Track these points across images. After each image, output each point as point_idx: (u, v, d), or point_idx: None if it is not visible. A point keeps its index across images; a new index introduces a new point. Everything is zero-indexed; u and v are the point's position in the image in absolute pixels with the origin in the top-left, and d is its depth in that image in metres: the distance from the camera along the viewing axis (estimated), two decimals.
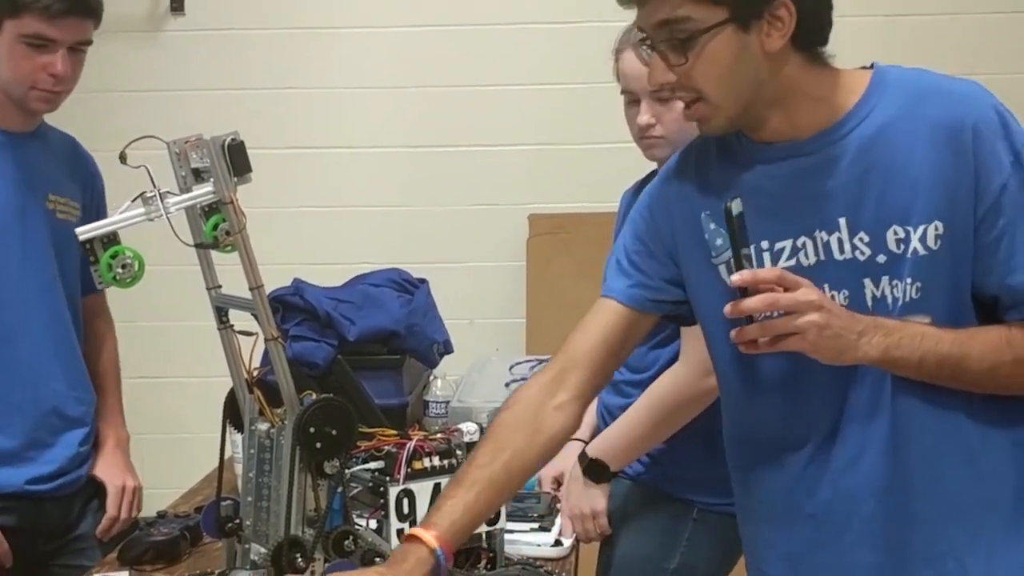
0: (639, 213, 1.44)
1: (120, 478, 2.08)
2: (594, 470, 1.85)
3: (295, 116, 3.65)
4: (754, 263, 1.25)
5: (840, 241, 1.27)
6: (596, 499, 1.86)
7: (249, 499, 1.57)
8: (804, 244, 1.29)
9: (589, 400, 1.49)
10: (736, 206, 1.23)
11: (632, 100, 1.82)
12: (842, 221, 1.27)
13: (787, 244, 1.29)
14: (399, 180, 3.65)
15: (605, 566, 1.92)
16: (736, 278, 1.21)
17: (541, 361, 2.49)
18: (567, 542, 1.87)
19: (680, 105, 1.32)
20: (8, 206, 1.92)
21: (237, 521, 1.58)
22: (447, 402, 2.27)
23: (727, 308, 1.22)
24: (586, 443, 1.94)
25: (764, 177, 1.31)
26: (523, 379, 2.33)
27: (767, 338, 1.22)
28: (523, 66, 3.59)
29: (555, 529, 1.89)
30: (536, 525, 1.91)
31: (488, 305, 3.64)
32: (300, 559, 1.45)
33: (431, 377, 2.42)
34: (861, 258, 1.26)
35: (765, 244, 1.29)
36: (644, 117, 1.80)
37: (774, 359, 1.30)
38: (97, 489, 2.07)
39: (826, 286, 1.28)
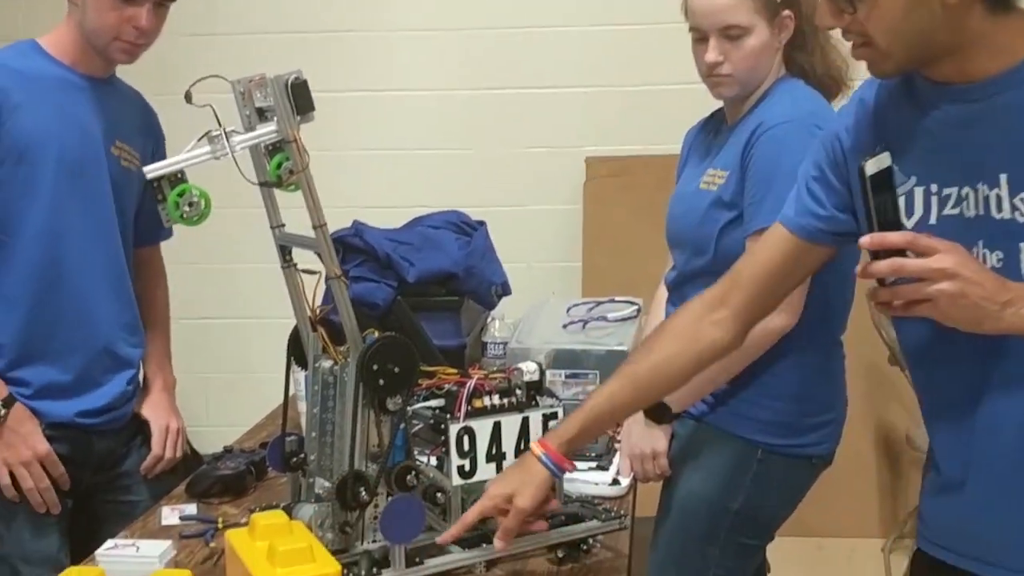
0: (820, 139, 1.37)
1: (165, 418, 2.11)
2: (655, 411, 1.84)
3: (355, 59, 3.65)
4: (902, 215, 1.19)
5: (999, 199, 1.19)
6: (657, 440, 1.86)
7: (313, 434, 1.58)
8: (967, 195, 1.22)
9: (748, 323, 1.48)
10: (876, 164, 1.15)
11: (700, 37, 1.79)
12: (1003, 177, 1.19)
13: (952, 192, 1.23)
14: (458, 123, 3.64)
15: (666, 506, 1.90)
16: (864, 240, 1.15)
17: (600, 303, 2.49)
18: (625, 481, 1.87)
19: (749, 43, 1.27)
20: (79, 147, 1.93)
21: (302, 456, 1.60)
22: (505, 343, 2.27)
23: (857, 269, 1.18)
24: None
25: (933, 120, 1.24)
26: (581, 321, 2.34)
27: (900, 302, 1.17)
28: (581, 6, 3.54)
29: (613, 468, 1.89)
30: (594, 464, 1.91)
31: (545, 248, 3.63)
32: (364, 492, 1.47)
33: (489, 319, 2.42)
34: (1021, 220, 1.19)
35: (934, 187, 1.23)
36: (712, 55, 1.76)
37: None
38: (141, 427, 2.10)
39: (980, 243, 1.21)
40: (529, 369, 1.62)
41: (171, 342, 2.24)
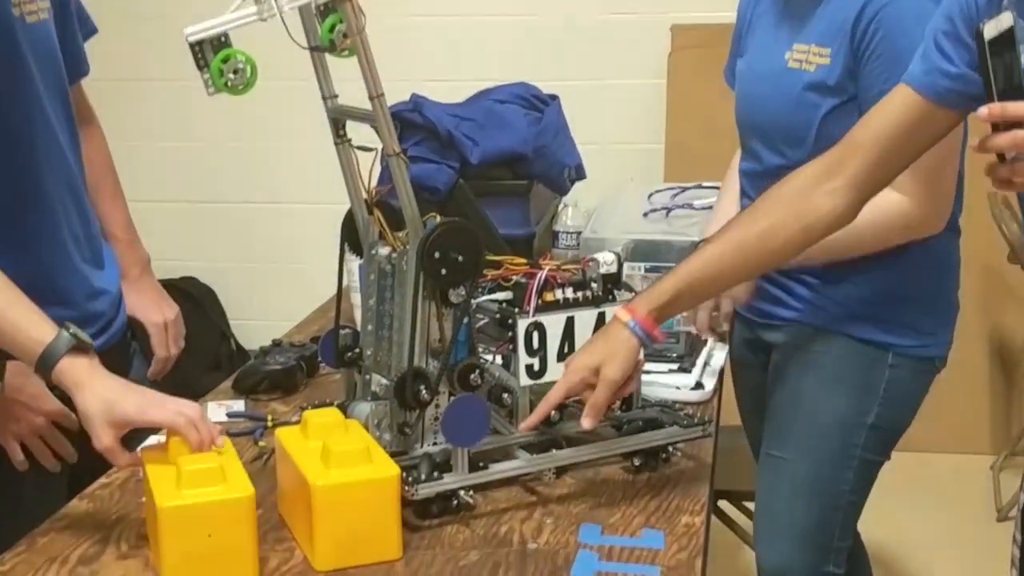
0: None
1: (158, 313, 1.96)
2: None
3: None
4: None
5: None
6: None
7: (369, 328, 1.59)
8: None
9: (865, 194, 1.46)
10: (996, 25, 1.12)
11: None
12: None
13: None
14: None
15: (780, 427, 1.83)
16: (983, 111, 1.13)
17: (684, 189, 2.46)
18: (709, 385, 1.87)
19: None
20: None
21: (356, 351, 1.61)
22: (578, 233, 2.26)
23: (973, 142, 1.14)
24: None
25: None
26: (663, 209, 2.32)
27: (1022, 179, 1.15)
28: None
29: (696, 371, 1.89)
30: (675, 366, 1.91)
31: (624, 128, 3.58)
32: (424, 391, 1.48)
33: (561, 205, 2.40)
34: None
35: None
36: None
37: None
38: (130, 328, 1.91)
39: None
40: (606, 260, 1.61)
41: (202, 225, 2.04)
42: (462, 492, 1.47)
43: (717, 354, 1.99)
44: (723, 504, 2.72)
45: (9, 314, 1.40)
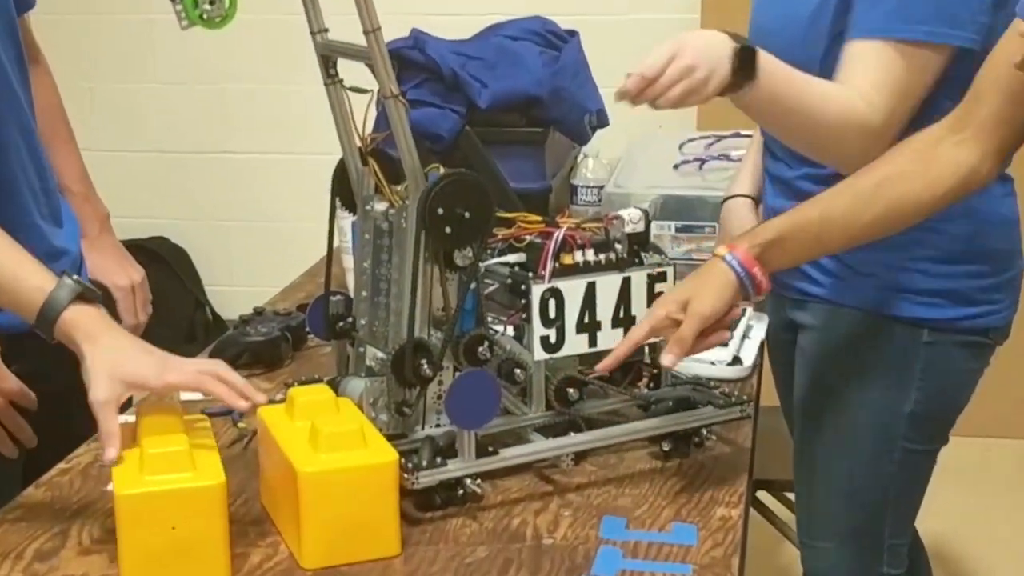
0: None
1: (123, 275, 1.96)
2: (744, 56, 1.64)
3: None
4: None
5: None
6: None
7: (364, 294, 1.59)
8: None
9: (998, 145, 1.47)
10: None
11: None
12: None
13: None
14: None
15: (812, 423, 1.83)
16: None
17: (720, 138, 2.45)
18: (748, 360, 1.87)
19: None
20: None
21: (349, 320, 1.61)
22: (601, 187, 2.26)
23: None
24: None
25: None
26: (697, 160, 2.31)
27: None
28: None
29: (733, 344, 1.89)
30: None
31: None
32: (426, 366, 1.48)
33: (580, 156, 2.40)
34: None
35: None
36: None
37: None
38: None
39: None
40: (632, 218, 1.61)
41: (173, 178, 2.06)
42: (468, 480, 1.47)
43: (757, 325, 1.99)
44: (762, 495, 2.73)
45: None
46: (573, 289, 1.57)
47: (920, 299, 1.75)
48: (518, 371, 1.57)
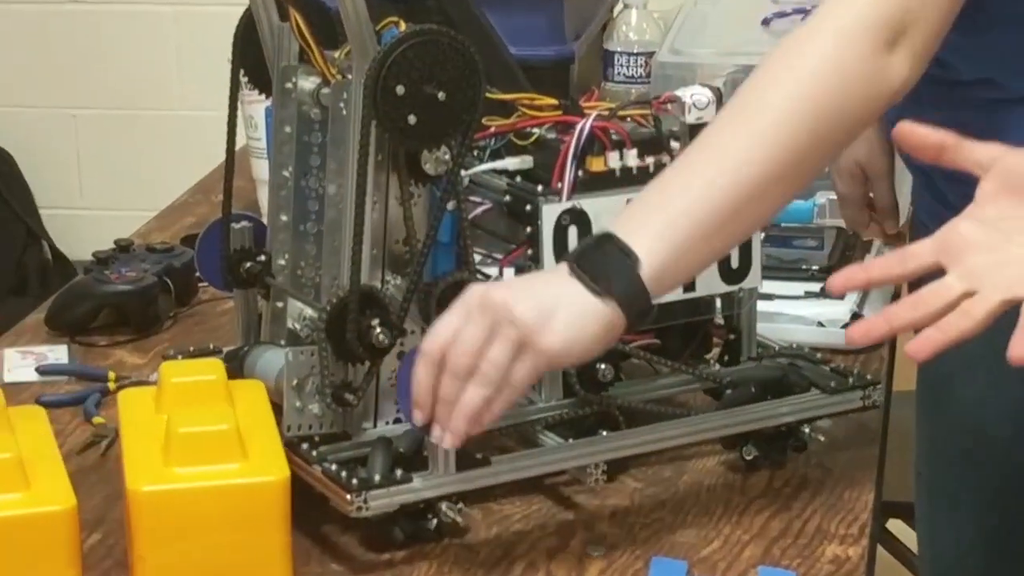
0: None
1: None
2: None
3: None
4: None
5: None
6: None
7: (283, 219, 1.60)
8: None
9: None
10: None
11: None
12: None
13: None
14: None
15: (930, 424, 1.87)
16: None
17: None
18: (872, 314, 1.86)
19: None
20: None
21: (261, 260, 1.62)
22: (649, 54, 2.27)
23: None
24: None
25: None
26: (797, 10, 2.29)
27: None
28: None
29: (851, 295, 1.90)
30: (815, 287, 1.92)
31: None
32: (380, 330, 1.47)
33: (619, 7, 2.42)
34: None
35: None
36: None
37: None
38: None
39: None
40: (697, 101, 1.60)
41: None
42: (445, 505, 1.47)
43: None
44: (896, 525, 2.75)
45: None
46: (606, 210, 1.56)
47: None
48: None
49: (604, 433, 1.56)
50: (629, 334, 1.58)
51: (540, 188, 1.56)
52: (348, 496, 1.41)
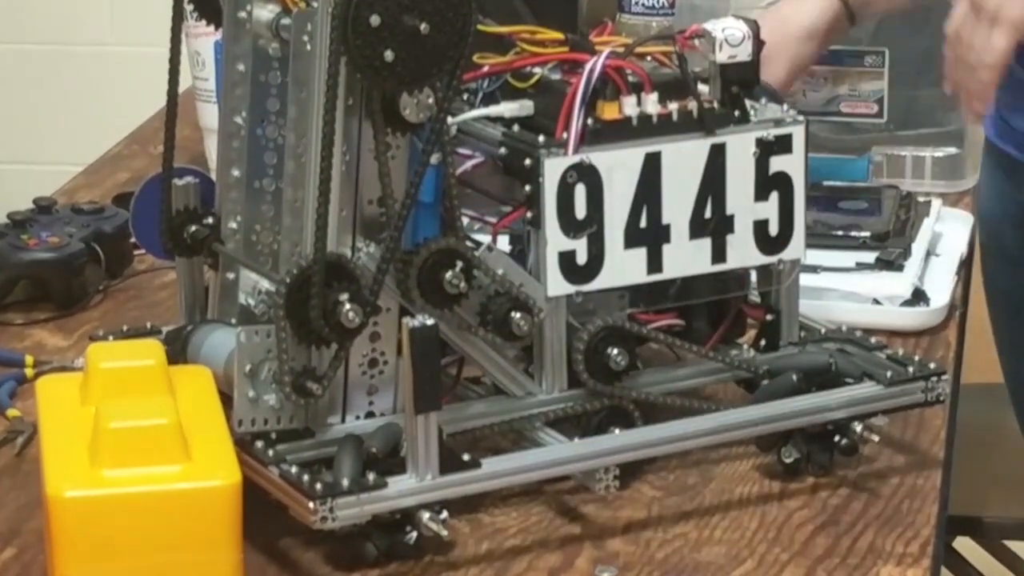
0: None
1: None
2: None
3: None
4: None
5: None
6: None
7: (235, 174, 1.61)
8: None
9: None
10: None
11: None
12: None
13: None
14: None
15: None
16: None
17: None
18: (939, 297, 1.89)
19: None
20: None
21: (209, 222, 1.63)
22: None
23: None
24: None
25: None
26: None
27: None
28: None
29: (912, 265, 1.92)
30: (870, 258, 1.94)
31: None
32: (349, 306, 1.47)
33: None
34: None
35: None
36: None
37: None
38: None
39: None
40: (729, 36, 1.61)
41: None
42: (427, 515, 1.47)
43: (953, 231, 2.00)
44: (964, 544, 2.76)
45: None
46: (620, 165, 1.58)
47: None
48: (518, 317, 1.56)
49: (616, 431, 1.57)
50: (646, 314, 1.60)
51: (542, 139, 1.56)
52: (311, 504, 1.41)
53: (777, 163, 1.61)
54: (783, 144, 1.61)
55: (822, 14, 2.02)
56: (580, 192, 1.56)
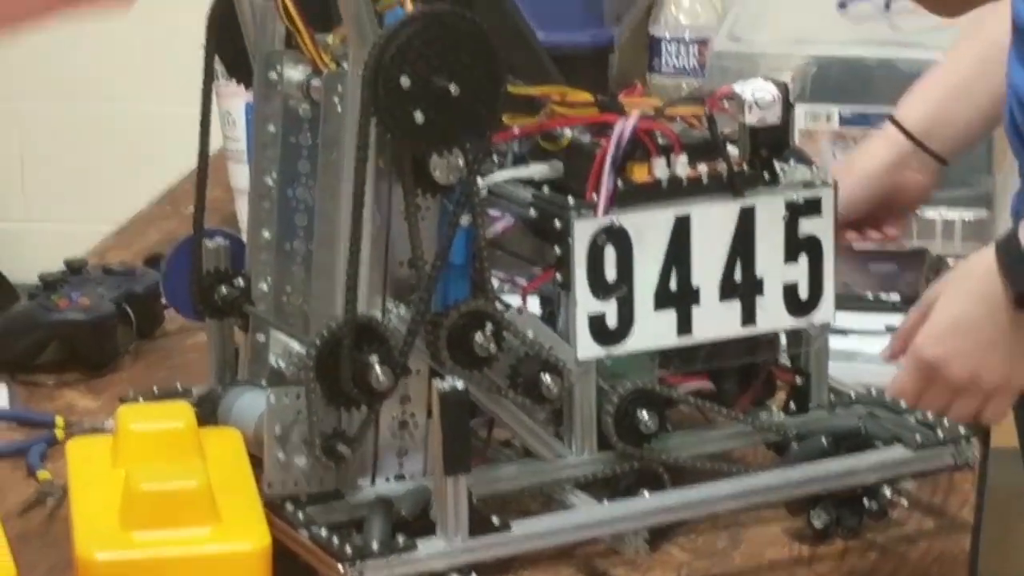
0: None
1: None
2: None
3: None
4: None
5: None
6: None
7: (266, 236, 1.61)
8: None
9: None
10: None
11: None
12: None
13: None
14: None
15: None
16: None
17: None
18: None
19: None
20: None
21: (239, 284, 1.62)
22: (703, 41, 2.29)
23: None
24: None
25: None
26: None
27: None
28: None
29: None
30: (900, 321, 1.88)
31: None
32: (379, 369, 1.47)
33: None
34: None
35: None
36: None
37: None
38: None
39: None
40: (760, 99, 1.61)
41: None
42: None
43: None
44: None
45: None
46: (650, 228, 1.58)
47: None
48: (548, 379, 1.55)
49: (646, 494, 1.57)
50: (676, 376, 1.60)
51: (572, 201, 1.56)
52: (340, 567, 1.41)
53: (807, 226, 1.61)
54: (813, 207, 1.61)
55: (887, 154, 1.97)
56: (610, 254, 1.56)
